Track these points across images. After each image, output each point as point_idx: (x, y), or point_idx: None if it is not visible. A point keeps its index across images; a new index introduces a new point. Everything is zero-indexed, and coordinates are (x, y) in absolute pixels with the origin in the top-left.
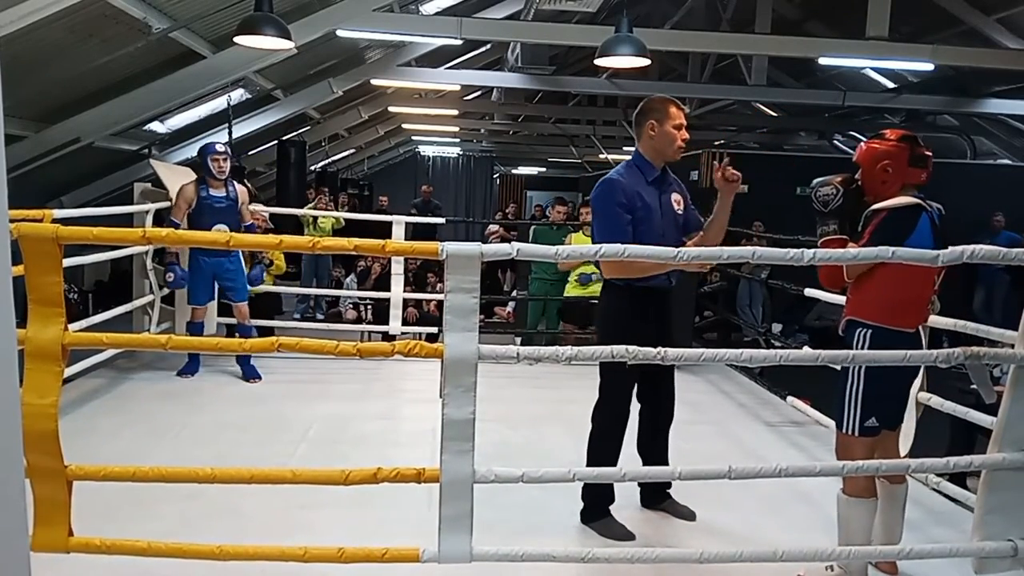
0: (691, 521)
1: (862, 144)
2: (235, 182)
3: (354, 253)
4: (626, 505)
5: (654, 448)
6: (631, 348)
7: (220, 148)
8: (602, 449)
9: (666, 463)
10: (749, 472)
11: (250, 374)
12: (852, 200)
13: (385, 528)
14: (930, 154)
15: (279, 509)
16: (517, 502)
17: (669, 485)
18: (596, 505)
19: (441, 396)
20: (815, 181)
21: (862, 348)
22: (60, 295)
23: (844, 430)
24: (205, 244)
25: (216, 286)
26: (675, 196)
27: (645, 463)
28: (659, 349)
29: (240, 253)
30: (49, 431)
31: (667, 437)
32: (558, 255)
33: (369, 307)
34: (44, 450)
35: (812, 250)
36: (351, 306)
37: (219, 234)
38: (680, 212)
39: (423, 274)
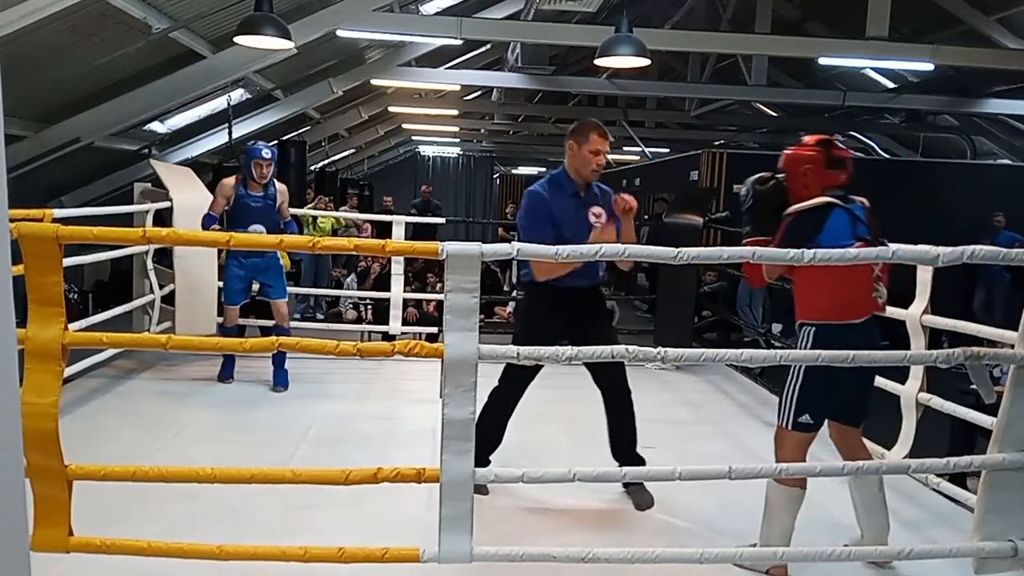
0: (649, 508)
1: (786, 150)
2: (275, 181)
3: (354, 253)
4: (624, 506)
5: (622, 443)
6: (631, 348)
7: (266, 154)
8: (489, 424)
9: (637, 457)
10: (749, 472)
11: (280, 381)
12: (768, 200)
13: (385, 528)
14: (849, 155)
15: (279, 509)
16: (517, 502)
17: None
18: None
19: (441, 396)
20: (740, 184)
21: (806, 346)
22: (60, 295)
23: (779, 423)
24: (206, 244)
25: (250, 287)
26: (594, 209)
27: (615, 455)
28: (659, 349)
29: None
30: (49, 431)
31: (633, 431)
32: (558, 255)
33: (369, 307)
34: (44, 450)
35: (812, 250)
36: (351, 306)
37: (220, 234)
38: (598, 224)
39: (423, 274)
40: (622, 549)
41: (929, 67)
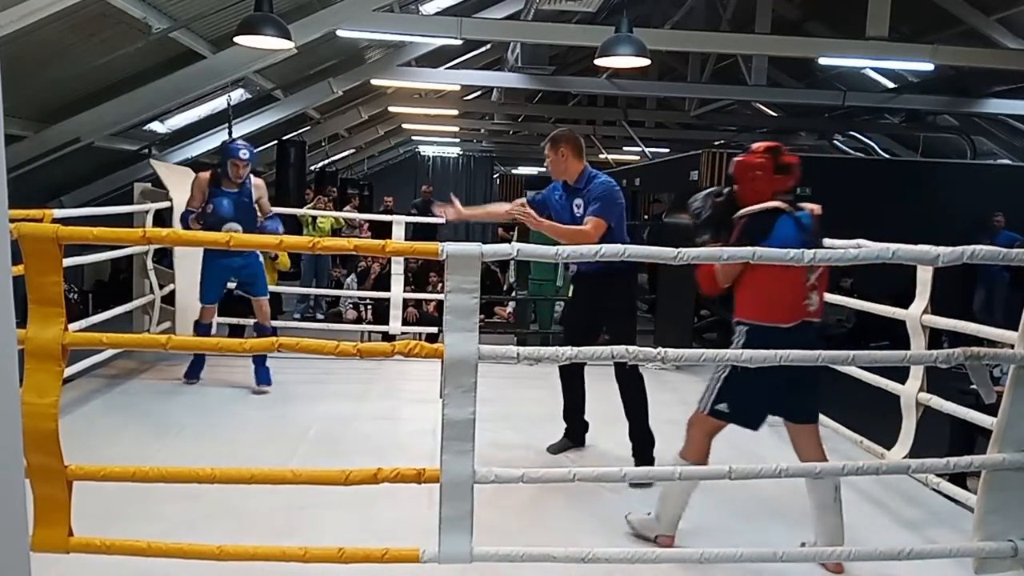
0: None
1: (736, 158)
2: (251, 176)
3: (354, 253)
4: (625, 506)
5: (632, 441)
6: (631, 348)
7: (244, 155)
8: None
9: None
10: (749, 472)
11: (262, 379)
12: (723, 210)
13: (385, 528)
14: (795, 161)
15: (279, 509)
16: (517, 502)
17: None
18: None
19: (441, 396)
20: (692, 198)
21: (738, 344)
22: (60, 295)
23: (699, 407)
24: (206, 244)
25: (226, 285)
26: (576, 201)
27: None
28: (659, 349)
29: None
30: (49, 431)
31: (639, 431)
32: (558, 255)
33: (369, 307)
34: (44, 450)
35: (812, 250)
36: (351, 306)
37: (220, 234)
38: (579, 213)
39: (424, 274)
40: (622, 549)
41: (929, 67)
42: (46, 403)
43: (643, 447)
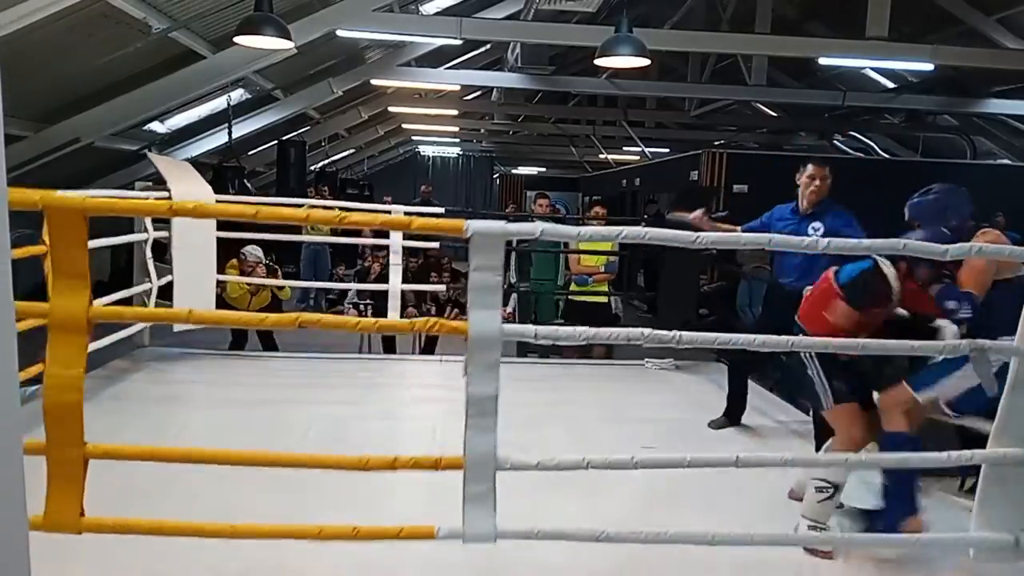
0: None
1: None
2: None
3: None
4: (630, 508)
5: None
6: (646, 331)
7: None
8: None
9: None
10: (752, 463)
11: None
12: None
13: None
14: None
15: (283, 509)
16: (517, 503)
17: None
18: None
19: (465, 374)
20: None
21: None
22: (86, 268)
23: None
24: (233, 216)
25: None
26: (814, 224)
27: None
28: (675, 333)
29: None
30: (73, 403)
31: None
32: (580, 236)
33: (369, 307)
34: (65, 424)
35: (827, 239)
36: (352, 307)
37: (247, 207)
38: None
39: (424, 273)
40: (636, 529)
41: (929, 67)
42: (72, 375)
43: (730, 403)
